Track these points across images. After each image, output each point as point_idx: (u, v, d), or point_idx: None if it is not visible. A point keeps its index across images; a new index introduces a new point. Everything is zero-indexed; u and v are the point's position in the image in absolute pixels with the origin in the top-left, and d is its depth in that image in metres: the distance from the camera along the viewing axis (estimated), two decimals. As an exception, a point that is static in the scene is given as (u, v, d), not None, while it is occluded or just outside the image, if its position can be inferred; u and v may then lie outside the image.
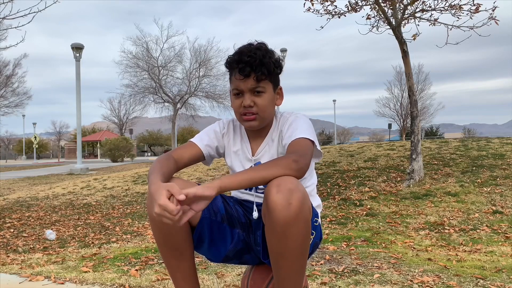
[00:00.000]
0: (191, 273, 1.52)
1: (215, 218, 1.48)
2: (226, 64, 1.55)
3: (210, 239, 1.48)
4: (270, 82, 1.52)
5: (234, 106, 1.54)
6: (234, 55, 1.49)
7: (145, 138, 61.65)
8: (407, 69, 6.97)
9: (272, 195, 1.24)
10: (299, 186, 1.26)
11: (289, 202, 1.22)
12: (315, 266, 2.82)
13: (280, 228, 1.24)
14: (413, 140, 6.78)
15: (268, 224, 1.28)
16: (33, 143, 44.92)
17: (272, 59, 1.50)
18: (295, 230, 1.25)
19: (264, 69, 1.46)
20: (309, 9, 7.22)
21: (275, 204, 1.23)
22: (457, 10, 6.54)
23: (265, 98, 1.51)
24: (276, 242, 1.28)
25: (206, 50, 26.50)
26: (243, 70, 1.45)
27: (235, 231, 1.52)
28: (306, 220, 1.27)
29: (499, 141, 9.94)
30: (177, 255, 1.47)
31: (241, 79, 1.47)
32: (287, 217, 1.22)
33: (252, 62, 1.44)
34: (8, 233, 5.40)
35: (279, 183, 1.25)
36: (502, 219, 4.71)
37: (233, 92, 1.53)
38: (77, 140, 18.80)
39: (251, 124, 1.53)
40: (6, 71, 26.36)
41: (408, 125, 37.25)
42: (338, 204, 5.75)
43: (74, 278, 2.60)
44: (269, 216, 1.26)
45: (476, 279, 2.54)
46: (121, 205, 7.08)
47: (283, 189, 1.23)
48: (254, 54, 1.45)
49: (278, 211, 1.23)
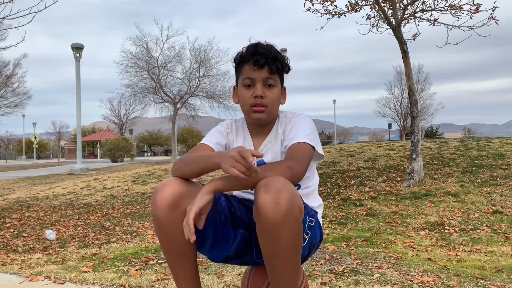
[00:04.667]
0: (194, 274, 1.51)
1: (219, 219, 1.47)
2: (237, 58, 1.57)
3: (213, 239, 1.48)
4: (279, 78, 1.56)
5: (243, 97, 1.55)
6: (249, 48, 1.53)
7: (145, 138, 61.63)
8: (407, 69, 6.97)
9: (260, 196, 1.24)
10: (287, 186, 1.26)
11: (277, 202, 1.22)
12: (315, 266, 2.82)
13: (270, 228, 1.24)
14: (413, 140, 6.78)
15: (258, 225, 1.28)
16: (33, 143, 44.92)
17: (284, 57, 1.56)
18: (286, 229, 1.25)
19: (278, 63, 1.52)
20: (309, 9, 7.22)
21: (263, 204, 1.23)
22: (457, 10, 6.54)
23: (275, 92, 1.54)
24: (267, 242, 1.28)
25: (206, 50, 26.54)
26: (258, 61, 1.49)
27: (238, 231, 1.52)
28: (296, 219, 1.27)
29: (499, 141, 9.94)
30: (180, 257, 1.46)
31: (255, 69, 1.51)
32: (275, 217, 1.22)
33: (267, 54, 1.50)
34: (8, 233, 5.40)
35: (267, 184, 1.25)
36: (502, 219, 4.72)
37: (243, 82, 1.54)
38: (77, 140, 18.79)
39: (260, 116, 1.54)
40: (6, 71, 26.37)
41: (408, 125, 37.26)
42: (338, 204, 5.75)
43: (74, 278, 2.60)
44: (258, 216, 1.26)
45: (476, 279, 2.54)
46: (121, 205, 7.08)
47: (270, 189, 1.23)
48: (269, 48, 1.51)
49: (267, 211, 1.23)
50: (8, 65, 26.31)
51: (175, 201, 1.36)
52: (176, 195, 1.37)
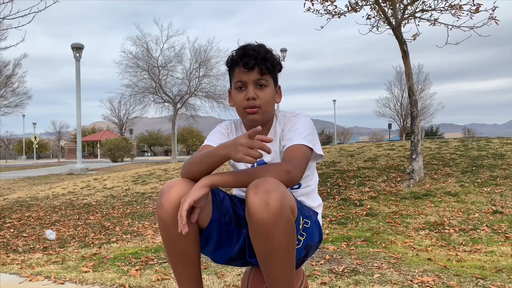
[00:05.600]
0: (196, 276, 1.51)
1: (224, 220, 1.46)
2: (228, 61, 1.56)
3: (218, 241, 1.47)
4: (271, 78, 1.55)
5: (237, 100, 1.55)
6: (238, 51, 1.53)
7: (145, 138, 61.64)
8: (407, 69, 6.97)
9: (250, 197, 1.24)
10: (277, 187, 1.25)
11: (267, 203, 1.22)
12: (315, 266, 2.82)
13: (261, 230, 1.25)
14: (413, 140, 6.78)
15: (250, 226, 1.28)
16: (33, 143, 44.93)
17: (274, 56, 1.55)
18: (277, 230, 1.24)
19: (268, 64, 1.51)
20: (309, 9, 7.22)
21: (253, 205, 1.23)
22: (457, 10, 6.54)
23: (267, 92, 1.53)
24: (259, 243, 1.28)
25: (206, 50, 26.52)
26: (248, 63, 1.49)
27: (242, 231, 1.51)
28: (287, 219, 1.26)
29: (499, 141, 9.94)
30: (184, 260, 1.46)
31: (245, 71, 1.50)
32: (266, 218, 1.22)
33: (256, 56, 1.49)
34: (8, 233, 5.40)
35: (257, 185, 1.25)
36: (502, 219, 4.72)
37: (236, 85, 1.54)
38: (77, 140, 18.79)
39: (254, 117, 1.54)
40: (6, 71, 26.38)
41: (408, 125, 37.25)
42: (338, 204, 5.75)
43: (74, 278, 2.60)
44: (249, 218, 1.26)
45: (476, 279, 2.54)
46: (121, 205, 7.08)
47: (260, 190, 1.23)
48: (257, 49, 1.50)
49: (257, 212, 1.23)
50: (8, 65, 26.35)
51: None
52: (182, 198, 1.34)
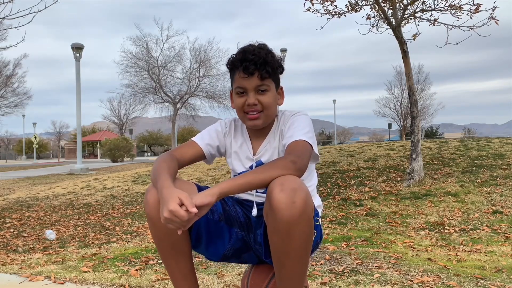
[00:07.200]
0: (190, 272, 1.52)
1: (212, 217, 1.48)
2: (228, 64, 1.54)
3: (208, 238, 1.48)
4: (273, 81, 1.53)
5: (237, 105, 1.53)
6: (238, 54, 1.50)
7: (145, 138, 61.65)
8: (407, 69, 6.97)
9: (275, 194, 1.24)
10: (302, 185, 1.26)
11: (293, 201, 1.22)
12: (315, 266, 2.82)
13: (283, 227, 1.24)
14: (413, 140, 6.78)
15: (271, 223, 1.28)
16: (33, 143, 44.92)
17: (275, 58, 1.51)
18: (299, 229, 1.25)
19: (268, 68, 1.48)
20: (309, 9, 7.22)
21: (278, 203, 1.23)
22: (457, 10, 6.53)
23: (269, 96, 1.51)
24: (279, 241, 1.28)
25: (206, 50, 26.54)
26: (248, 68, 1.45)
27: (233, 230, 1.53)
28: (309, 219, 1.27)
29: (499, 141, 9.94)
30: (175, 254, 1.47)
31: (245, 77, 1.48)
32: (291, 216, 1.22)
33: (256, 60, 1.45)
34: (8, 233, 5.40)
35: (282, 182, 1.25)
36: (502, 219, 4.71)
37: (236, 91, 1.52)
38: (77, 140, 18.79)
39: (255, 123, 1.53)
40: (6, 71, 26.38)
41: (408, 125, 37.24)
42: (338, 204, 5.75)
43: (74, 278, 2.60)
44: (272, 215, 1.26)
45: (476, 279, 2.54)
46: (121, 205, 7.08)
47: (286, 188, 1.23)
48: (258, 53, 1.46)
49: (282, 210, 1.22)
50: (8, 65, 26.36)
51: None
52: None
